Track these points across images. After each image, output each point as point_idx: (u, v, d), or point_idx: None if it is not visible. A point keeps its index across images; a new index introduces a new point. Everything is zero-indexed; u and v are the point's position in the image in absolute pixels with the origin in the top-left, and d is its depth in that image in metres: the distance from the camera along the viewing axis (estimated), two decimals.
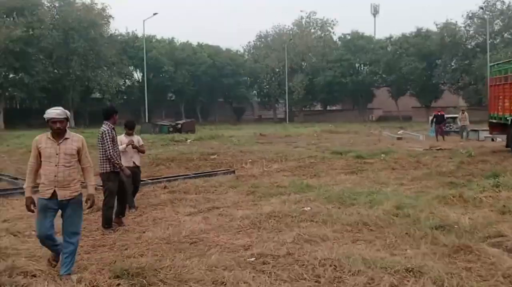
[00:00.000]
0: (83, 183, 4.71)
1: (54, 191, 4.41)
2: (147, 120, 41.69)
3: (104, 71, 43.75)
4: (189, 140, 23.32)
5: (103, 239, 6.03)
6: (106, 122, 6.59)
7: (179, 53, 53.26)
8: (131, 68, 52.47)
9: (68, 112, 4.53)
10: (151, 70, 49.83)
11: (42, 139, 4.49)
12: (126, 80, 52.59)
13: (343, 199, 7.98)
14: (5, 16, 38.30)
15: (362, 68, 58.98)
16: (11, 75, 40.36)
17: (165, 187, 9.83)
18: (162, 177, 11.36)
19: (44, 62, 39.77)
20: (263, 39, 65.51)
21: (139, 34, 51.69)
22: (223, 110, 63.10)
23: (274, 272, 4.52)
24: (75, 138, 4.57)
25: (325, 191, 8.89)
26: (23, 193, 9.07)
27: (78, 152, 4.53)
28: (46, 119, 4.43)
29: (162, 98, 54.94)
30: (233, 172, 12.23)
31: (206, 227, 6.46)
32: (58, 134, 4.46)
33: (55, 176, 4.40)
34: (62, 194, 4.43)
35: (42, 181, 4.46)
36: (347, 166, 13.06)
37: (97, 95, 48.30)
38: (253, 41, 66.98)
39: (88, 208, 4.51)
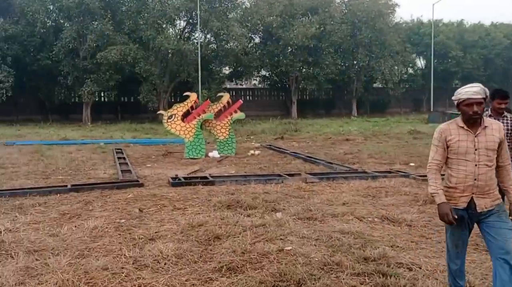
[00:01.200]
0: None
1: (471, 199, 3.36)
2: (431, 109, 39.88)
3: (388, 60, 43.53)
4: None
5: None
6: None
7: (469, 36, 48.51)
8: (414, 55, 50.73)
9: (487, 91, 3.34)
10: (435, 56, 47.11)
11: (451, 129, 3.40)
12: (409, 68, 51.23)
13: None
14: (301, 16, 42.51)
15: None
16: (303, 70, 44.54)
17: None
18: None
19: (333, 56, 42.37)
20: None
21: (424, 20, 49.52)
22: None
23: None
24: (494, 126, 3.37)
25: None
26: (346, 177, 9.54)
27: (499, 145, 3.36)
28: (456, 102, 3.38)
29: (446, 85, 51.22)
30: None
31: None
32: (475, 121, 3.33)
33: (475, 179, 3.32)
34: (482, 204, 3.35)
35: (452, 184, 3.40)
36: None
37: (379, 84, 48.71)
38: None
39: None
